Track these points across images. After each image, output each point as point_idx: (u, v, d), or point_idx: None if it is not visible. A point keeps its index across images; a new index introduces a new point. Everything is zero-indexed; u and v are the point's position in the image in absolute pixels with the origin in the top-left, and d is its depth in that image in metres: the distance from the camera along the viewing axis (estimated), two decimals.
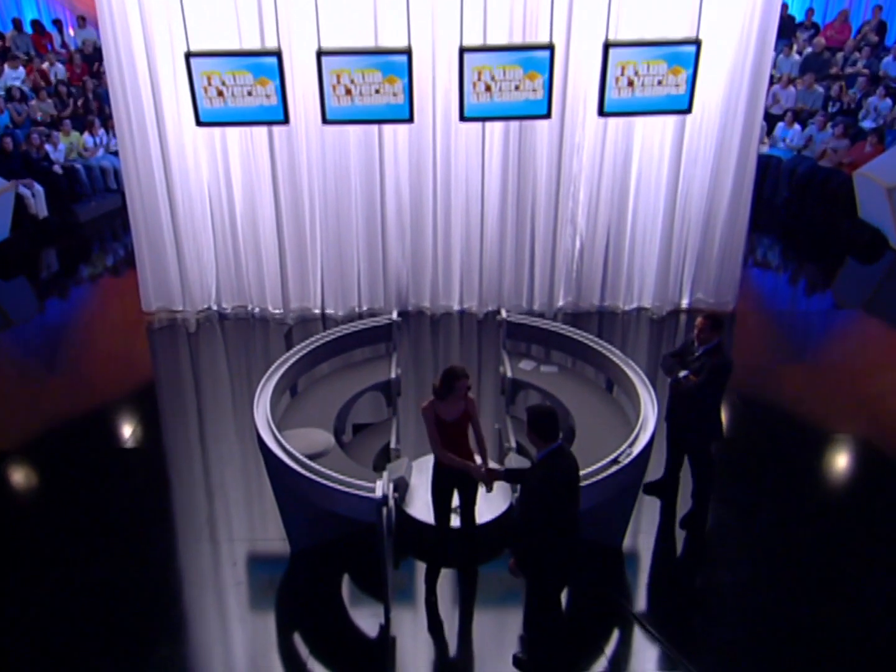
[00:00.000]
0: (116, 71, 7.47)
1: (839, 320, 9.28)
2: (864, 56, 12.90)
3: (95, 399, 7.42)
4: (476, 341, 8.35)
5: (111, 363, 8.10)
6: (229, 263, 8.52)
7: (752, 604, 5.04)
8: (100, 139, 11.78)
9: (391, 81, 6.36)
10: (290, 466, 4.80)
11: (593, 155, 7.97)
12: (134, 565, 5.35)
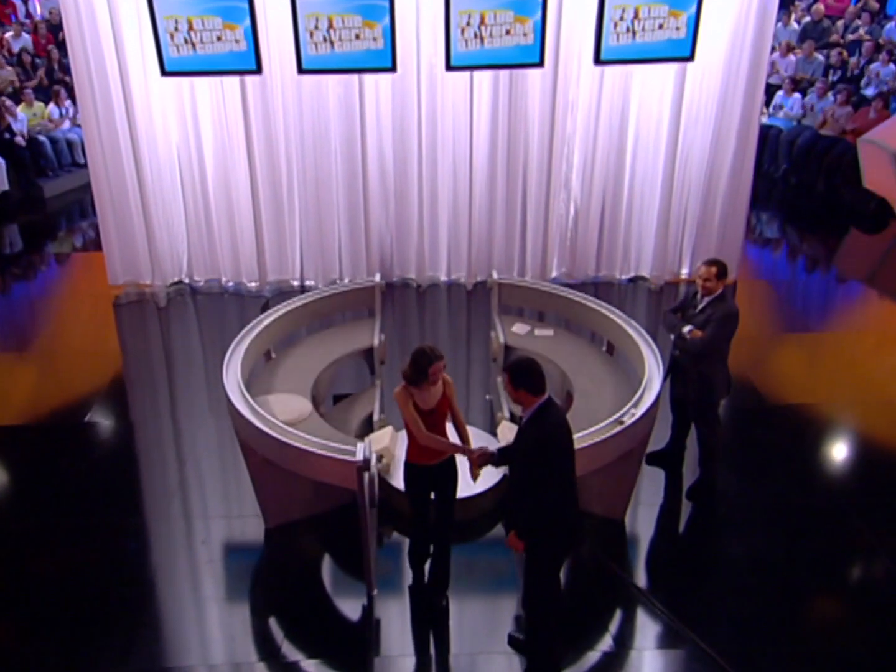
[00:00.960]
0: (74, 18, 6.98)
1: (842, 293, 9.02)
2: (865, 23, 12.64)
3: (56, 376, 7.03)
4: (465, 312, 8.01)
5: (74, 340, 7.70)
6: (201, 233, 8.13)
7: (763, 576, 4.75)
8: (66, 110, 11.35)
9: (371, 26, 6.03)
10: (261, 430, 4.44)
11: (588, 113, 7.62)
12: (101, 544, 5.01)
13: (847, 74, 12.04)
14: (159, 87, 7.26)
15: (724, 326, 4.86)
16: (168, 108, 7.46)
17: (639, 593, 4.61)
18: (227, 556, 4.96)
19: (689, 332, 4.91)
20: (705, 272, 4.92)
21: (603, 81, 7.47)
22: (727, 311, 4.87)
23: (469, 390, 6.62)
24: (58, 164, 11.14)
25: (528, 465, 3.67)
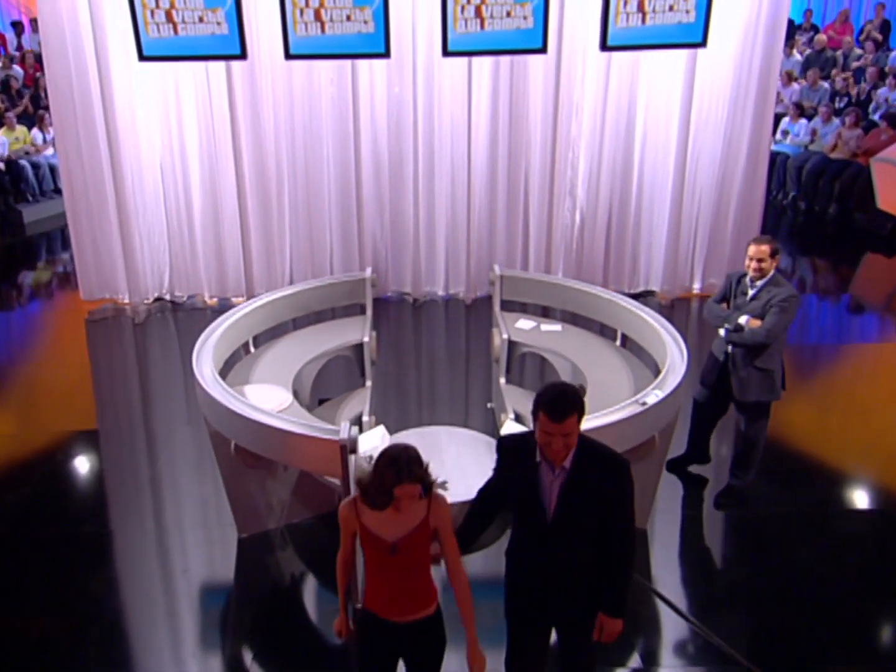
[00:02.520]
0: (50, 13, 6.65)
1: (861, 323, 8.51)
2: (870, 51, 12.52)
3: (22, 393, 6.50)
4: (464, 326, 7.51)
5: (43, 359, 7.18)
6: (184, 246, 7.69)
7: (805, 588, 4.19)
8: (50, 136, 11.06)
9: (362, 8, 5.73)
10: (233, 411, 3.90)
11: (594, 115, 7.27)
12: (68, 557, 4.49)
13: (853, 101, 11.84)
14: (140, 83, 6.91)
15: (786, 311, 4.33)
16: (150, 107, 7.09)
17: (671, 608, 4.03)
18: (198, 567, 4.40)
19: (748, 322, 4.41)
20: (756, 251, 4.41)
21: (609, 81, 7.14)
22: (788, 293, 4.35)
23: (469, 399, 6.11)
24: (39, 190, 10.80)
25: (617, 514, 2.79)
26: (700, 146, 7.43)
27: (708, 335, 7.02)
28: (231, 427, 3.96)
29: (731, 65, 7.05)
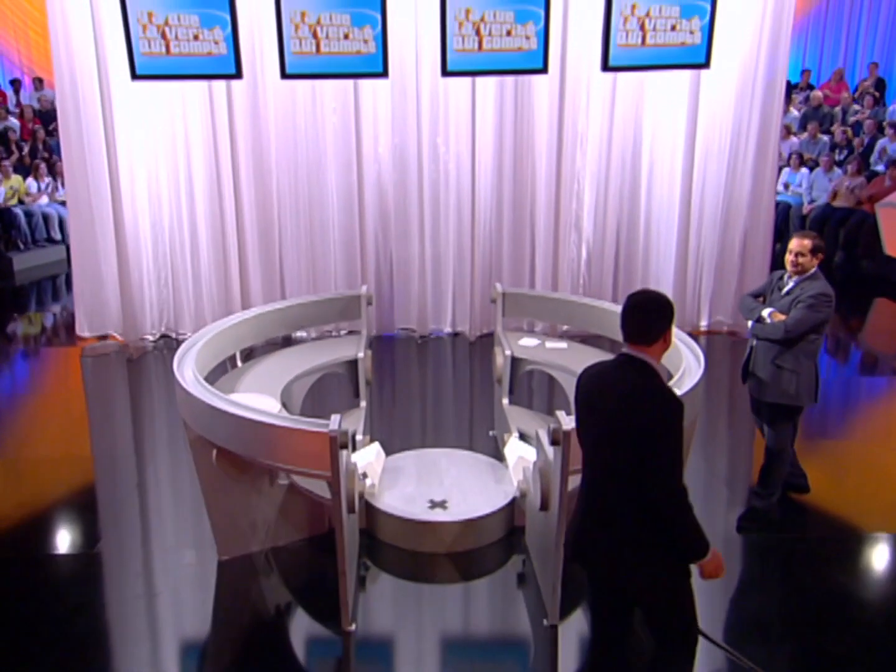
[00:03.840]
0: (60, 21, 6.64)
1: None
2: (868, 106, 12.63)
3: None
4: (468, 360, 7.20)
5: (38, 399, 6.89)
6: (187, 282, 7.48)
7: (841, 616, 3.81)
8: (45, 185, 11.02)
9: (361, 28, 5.68)
10: (215, 407, 3.59)
11: (599, 146, 7.18)
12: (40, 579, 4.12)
13: (853, 152, 11.87)
14: (142, 111, 6.86)
15: (813, 308, 4.10)
16: (151, 142, 7.02)
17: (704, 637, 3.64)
18: (173, 592, 4.02)
19: (770, 315, 4.21)
20: (797, 244, 4.19)
21: (613, 111, 7.07)
22: (819, 289, 4.12)
23: (472, 428, 5.79)
24: (31, 238, 10.67)
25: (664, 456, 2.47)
26: (705, 178, 7.33)
27: (721, 369, 6.81)
28: (212, 426, 3.64)
29: (734, 92, 6.99)
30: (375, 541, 4.31)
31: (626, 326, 2.58)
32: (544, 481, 3.60)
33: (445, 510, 4.24)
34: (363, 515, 4.32)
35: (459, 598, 4.02)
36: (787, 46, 6.93)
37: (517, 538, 4.35)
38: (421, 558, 4.21)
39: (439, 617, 3.85)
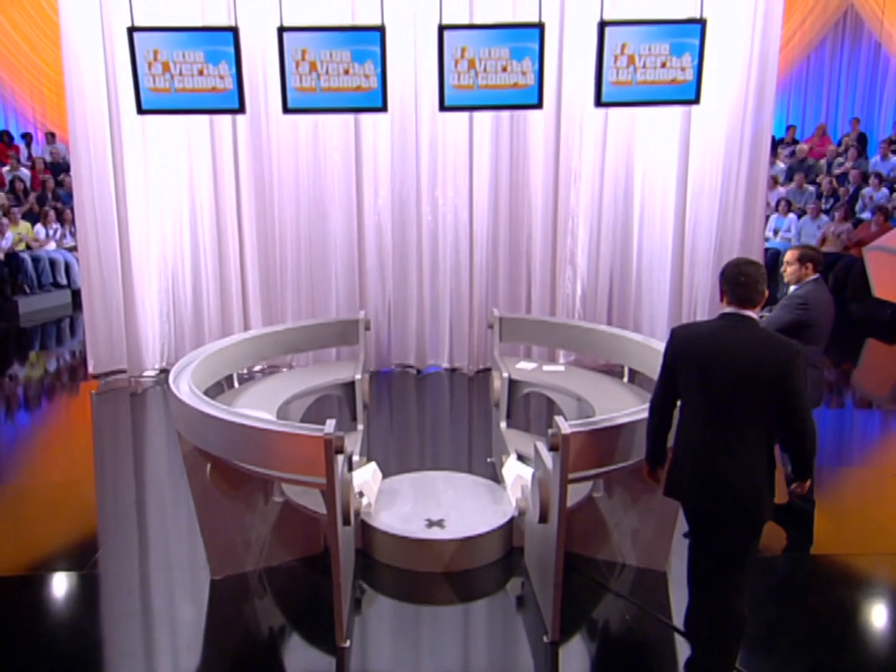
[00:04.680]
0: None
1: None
2: (852, 158, 12.76)
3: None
4: (467, 395, 7.05)
5: (42, 431, 6.73)
6: (189, 317, 7.38)
7: (847, 632, 3.62)
8: (53, 231, 11.03)
9: (363, 64, 5.70)
10: (208, 414, 3.46)
11: (592, 183, 7.17)
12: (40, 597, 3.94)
13: (839, 201, 11.94)
14: (150, 149, 6.92)
15: (784, 309, 4.13)
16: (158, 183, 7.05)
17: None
18: (164, 611, 3.83)
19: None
20: (789, 255, 4.27)
21: (605, 151, 7.09)
22: (798, 292, 4.14)
23: (471, 454, 5.64)
24: (37, 283, 10.63)
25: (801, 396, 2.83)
26: (697, 217, 7.31)
27: None
28: (206, 435, 3.50)
29: (724, 130, 7.01)
30: (371, 561, 4.14)
31: (738, 292, 2.89)
32: (543, 492, 3.46)
33: (443, 529, 4.08)
34: (359, 535, 4.15)
35: (457, 620, 3.82)
36: (772, 99, 6.99)
37: (516, 559, 4.18)
38: (418, 578, 4.03)
39: (437, 638, 3.67)
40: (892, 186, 11.72)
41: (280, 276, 7.30)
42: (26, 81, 13.78)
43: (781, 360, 2.79)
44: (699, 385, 2.90)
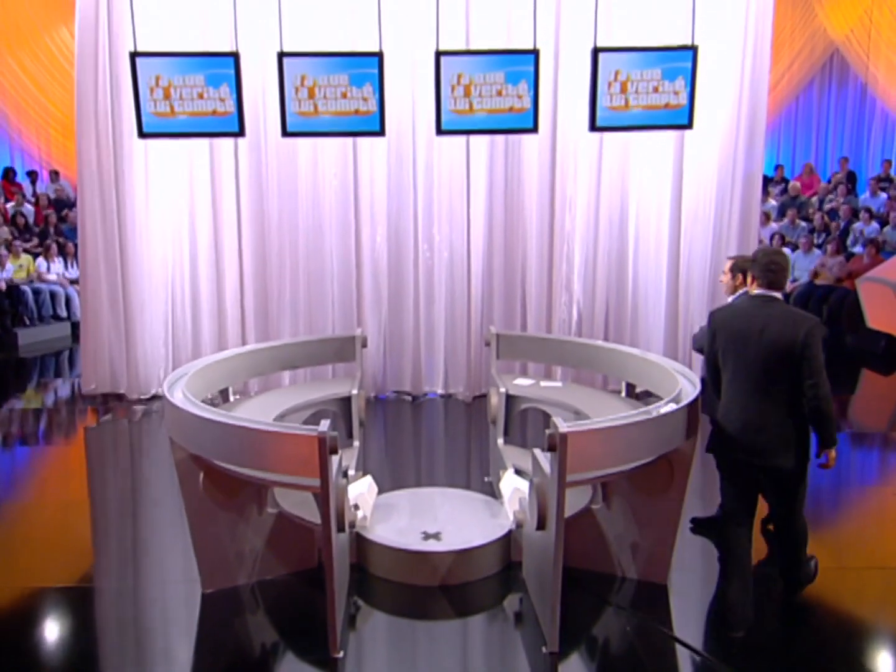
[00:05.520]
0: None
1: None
2: (842, 194, 12.85)
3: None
4: (464, 420, 6.94)
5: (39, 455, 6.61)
6: (187, 343, 7.32)
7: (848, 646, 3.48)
8: (55, 264, 11.00)
9: (360, 88, 5.74)
10: (198, 416, 3.38)
11: (587, 210, 7.16)
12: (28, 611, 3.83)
13: (830, 235, 11.98)
14: (154, 172, 6.97)
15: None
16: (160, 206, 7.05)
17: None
18: (152, 625, 3.70)
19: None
20: (725, 266, 4.35)
21: (601, 177, 7.09)
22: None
23: (469, 473, 5.53)
24: (38, 315, 10.57)
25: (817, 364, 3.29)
26: (691, 244, 7.29)
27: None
28: (198, 438, 3.41)
29: (717, 158, 7.03)
30: (367, 575, 4.01)
31: (769, 277, 3.39)
32: (541, 497, 3.35)
33: (439, 541, 3.96)
34: (354, 549, 4.03)
35: (454, 635, 3.69)
36: (762, 125, 7.05)
37: (514, 574, 4.05)
38: (414, 592, 3.90)
39: (433, 654, 3.53)
40: (882, 221, 11.77)
41: (277, 305, 7.23)
42: (34, 122, 13.89)
43: (802, 332, 3.25)
44: (735, 355, 3.37)
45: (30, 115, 13.84)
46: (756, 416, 3.32)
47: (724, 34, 6.80)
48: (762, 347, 3.29)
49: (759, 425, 3.32)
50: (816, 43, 14.14)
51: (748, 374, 3.34)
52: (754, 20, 6.82)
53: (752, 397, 3.33)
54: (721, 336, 3.44)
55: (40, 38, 13.47)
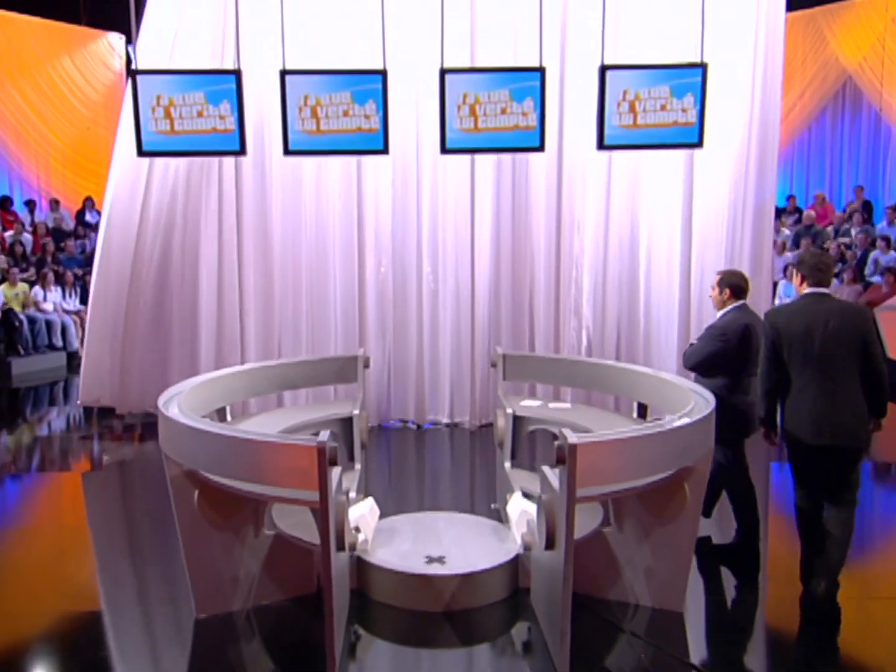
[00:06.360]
0: None
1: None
2: (857, 223, 12.87)
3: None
4: (469, 450, 6.89)
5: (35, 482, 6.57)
6: (184, 361, 7.30)
7: None
8: (52, 293, 11.05)
9: (363, 105, 5.80)
10: (194, 427, 3.35)
11: (596, 232, 7.18)
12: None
13: (846, 265, 11.98)
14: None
15: (703, 340, 4.39)
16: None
17: None
18: (142, 652, 3.62)
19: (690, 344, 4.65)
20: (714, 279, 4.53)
21: (610, 199, 7.12)
22: (719, 323, 4.35)
23: (474, 501, 5.46)
24: (32, 345, 10.59)
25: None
26: (703, 268, 7.27)
27: None
28: (193, 452, 3.38)
29: (729, 175, 7.04)
30: (367, 601, 3.93)
31: (818, 276, 3.84)
32: (549, 515, 3.30)
33: (443, 565, 3.89)
34: (354, 575, 3.96)
35: (459, 664, 3.61)
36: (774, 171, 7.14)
37: (522, 601, 3.97)
38: (417, 618, 3.82)
39: None
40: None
41: (279, 333, 7.24)
42: (33, 151, 14.08)
43: (860, 321, 3.75)
44: (803, 349, 3.74)
45: (30, 145, 14.04)
46: (831, 402, 3.71)
47: (734, 55, 6.86)
48: (829, 339, 3.69)
49: (834, 409, 3.70)
50: (829, 71, 14.29)
51: (818, 365, 3.72)
52: (764, 40, 6.90)
53: (825, 385, 3.72)
54: (785, 334, 3.78)
55: (42, 67, 13.74)
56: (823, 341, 3.70)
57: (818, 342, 3.71)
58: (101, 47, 14.70)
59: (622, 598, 3.93)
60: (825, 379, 3.73)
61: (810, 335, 3.72)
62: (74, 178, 14.63)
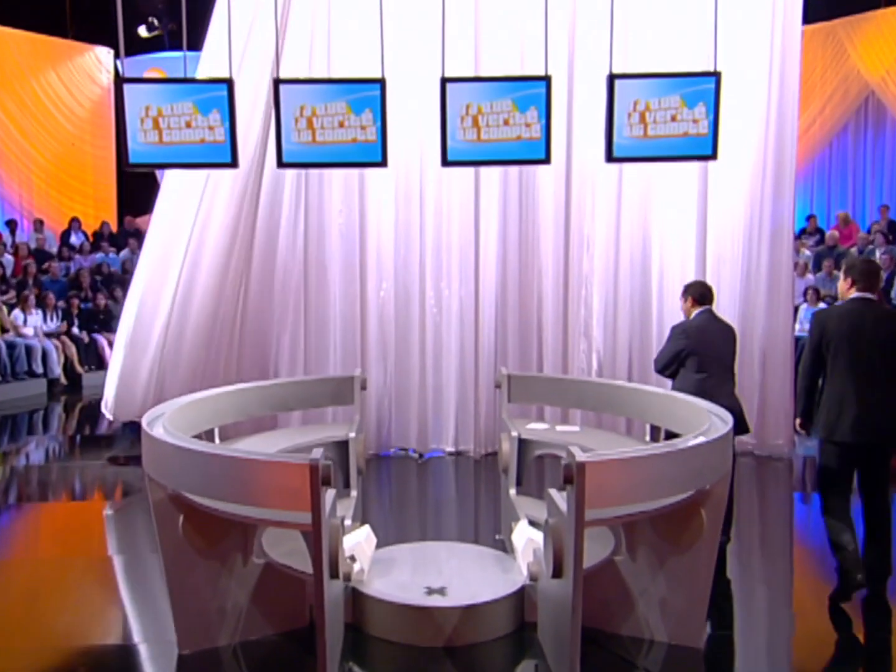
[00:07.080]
0: None
1: None
2: (880, 244, 12.90)
3: None
4: (472, 479, 6.85)
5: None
6: (177, 378, 7.27)
7: None
8: (32, 317, 11.08)
9: (359, 116, 5.85)
10: (179, 446, 3.33)
11: (606, 250, 7.20)
12: None
13: None
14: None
15: (669, 341, 4.97)
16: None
17: None
18: None
19: None
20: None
21: (621, 215, 7.15)
22: (679, 324, 5.00)
23: (477, 531, 5.43)
24: (11, 371, 10.60)
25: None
26: (718, 286, 7.26)
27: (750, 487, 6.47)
28: (178, 473, 3.36)
29: (745, 191, 7.06)
30: (363, 636, 3.88)
31: (866, 282, 4.19)
32: (556, 540, 3.27)
33: (444, 596, 3.85)
34: (349, 607, 3.92)
35: None
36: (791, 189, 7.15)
37: (528, 636, 3.92)
38: (416, 654, 3.77)
39: None
40: None
41: (276, 348, 7.25)
42: (15, 168, 14.21)
43: None
44: (849, 350, 4.12)
45: (11, 161, 14.17)
46: (873, 401, 4.10)
47: (747, 66, 6.90)
48: (875, 341, 4.10)
49: (876, 408, 4.10)
50: (850, 85, 14.39)
51: (863, 366, 4.12)
52: (780, 51, 6.94)
53: (868, 385, 4.11)
54: (832, 335, 4.16)
55: (26, 81, 13.90)
56: (871, 343, 4.09)
57: (864, 344, 4.09)
58: (89, 61, 14.91)
59: (636, 633, 3.88)
60: (867, 380, 4.11)
61: (858, 336, 4.11)
62: (59, 197, 14.77)
